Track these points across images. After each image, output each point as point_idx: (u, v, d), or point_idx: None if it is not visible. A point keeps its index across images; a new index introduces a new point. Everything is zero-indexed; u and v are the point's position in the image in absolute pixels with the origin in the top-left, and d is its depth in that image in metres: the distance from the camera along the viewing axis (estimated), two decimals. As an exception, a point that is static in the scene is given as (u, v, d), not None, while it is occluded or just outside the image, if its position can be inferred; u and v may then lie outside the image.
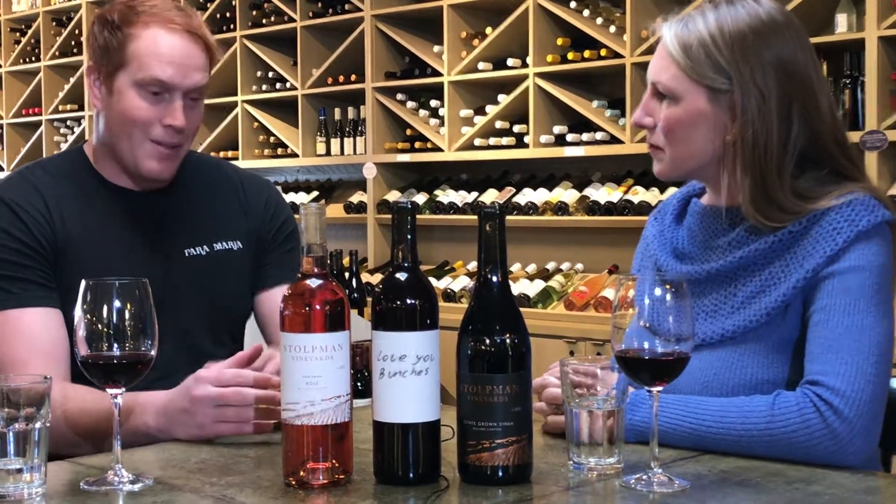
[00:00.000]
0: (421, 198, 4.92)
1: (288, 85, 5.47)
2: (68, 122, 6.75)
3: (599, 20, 4.33)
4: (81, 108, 6.53)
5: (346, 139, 5.25)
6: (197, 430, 1.64)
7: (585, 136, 4.36)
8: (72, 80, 6.57)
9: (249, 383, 1.64)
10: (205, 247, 2.00)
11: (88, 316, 1.41)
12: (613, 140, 4.28)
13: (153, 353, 1.43)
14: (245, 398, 1.63)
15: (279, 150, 5.58)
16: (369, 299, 4.47)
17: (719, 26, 1.63)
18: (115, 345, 1.41)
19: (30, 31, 6.87)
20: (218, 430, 1.64)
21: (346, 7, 5.18)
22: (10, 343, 1.81)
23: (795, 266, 1.60)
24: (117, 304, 1.41)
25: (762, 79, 1.61)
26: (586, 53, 4.33)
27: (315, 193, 5.50)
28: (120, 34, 1.88)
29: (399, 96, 5.08)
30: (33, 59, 6.87)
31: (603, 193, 4.33)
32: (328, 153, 5.33)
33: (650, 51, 4.02)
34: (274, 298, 2.03)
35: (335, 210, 5.22)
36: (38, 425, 1.34)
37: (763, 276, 1.62)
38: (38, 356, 1.79)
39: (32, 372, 1.74)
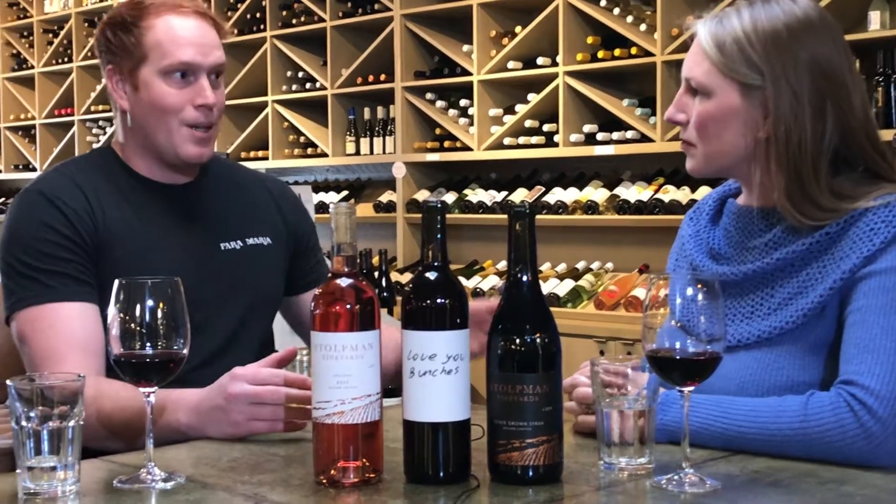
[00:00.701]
0: (450, 197, 4.92)
1: (318, 85, 5.48)
2: (100, 123, 6.80)
3: (630, 18, 4.31)
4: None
5: (375, 139, 5.26)
6: (230, 427, 1.64)
7: (616, 135, 4.35)
8: (104, 80, 6.59)
9: (285, 382, 1.65)
10: (239, 241, 2.02)
11: (121, 315, 1.42)
12: (644, 139, 4.27)
13: (185, 351, 1.44)
14: (280, 397, 1.63)
15: (309, 150, 5.60)
16: (398, 298, 4.48)
17: (754, 23, 1.62)
18: (148, 343, 1.42)
19: (62, 32, 6.93)
20: (251, 428, 1.64)
21: (376, 7, 5.19)
22: (48, 336, 1.82)
23: (832, 267, 1.59)
24: (150, 303, 1.42)
25: (795, 77, 1.60)
26: (616, 52, 4.32)
27: (345, 193, 5.51)
28: (136, 30, 1.92)
29: (428, 95, 5.08)
30: (66, 59, 6.93)
31: (633, 192, 4.32)
32: (358, 153, 5.34)
33: (681, 49, 4.02)
34: (307, 302, 2.07)
35: (365, 209, 5.23)
36: (71, 423, 1.34)
37: (800, 278, 1.61)
38: (74, 350, 1.80)
39: (69, 365, 1.76)
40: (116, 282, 1.43)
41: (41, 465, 1.34)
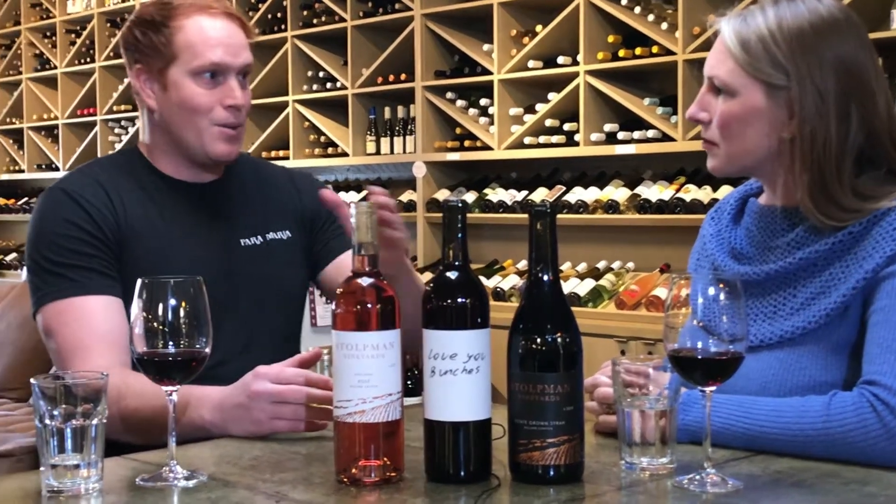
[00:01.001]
0: (470, 196, 4.92)
1: (338, 84, 5.49)
2: (122, 123, 6.83)
3: (651, 17, 4.30)
4: (135, 109, 6.60)
5: (395, 138, 5.27)
6: (252, 425, 1.65)
7: (637, 134, 4.34)
8: (126, 80, 6.63)
9: (308, 382, 1.66)
10: (259, 237, 2.04)
11: (144, 314, 1.43)
12: (665, 138, 4.25)
13: (207, 350, 1.44)
14: (302, 396, 1.64)
15: (329, 150, 5.61)
16: (419, 298, 4.49)
17: (779, 22, 1.61)
18: (171, 342, 1.43)
19: (85, 33, 6.96)
20: (273, 427, 1.65)
21: (397, 6, 5.19)
22: (74, 329, 1.85)
23: (855, 267, 1.58)
24: (172, 302, 1.43)
25: (820, 76, 1.59)
26: (638, 51, 4.31)
27: (365, 192, 5.51)
28: (165, 30, 1.93)
29: (449, 95, 5.08)
30: (88, 60, 6.96)
31: (654, 191, 4.30)
32: (378, 152, 5.34)
33: (702, 48, 4.00)
34: (341, 266, 2.06)
35: (385, 209, 5.23)
36: (95, 421, 1.35)
37: (823, 278, 1.61)
38: (100, 342, 1.82)
39: (95, 357, 1.78)
40: (139, 281, 1.44)
41: (65, 463, 1.34)
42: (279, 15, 5.73)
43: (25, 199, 7.49)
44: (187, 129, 1.95)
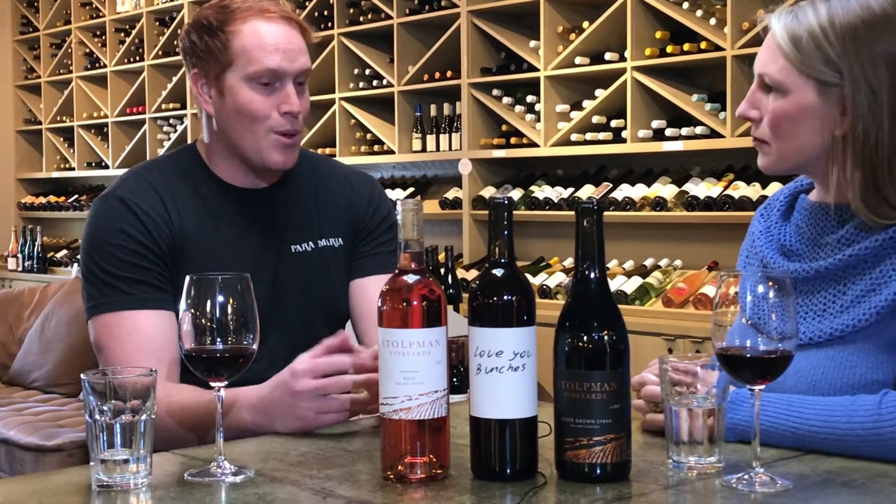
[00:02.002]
0: (516, 193, 4.91)
1: (384, 82, 5.50)
2: (171, 121, 6.89)
3: (699, 12, 4.26)
4: (183, 107, 6.67)
5: (441, 135, 5.27)
6: (299, 422, 1.66)
7: (685, 131, 4.31)
8: (174, 79, 6.70)
9: (346, 369, 1.66)
10: (310, 243, 2.02)
11: (192, 311, 1.44)
12: (713, 134, 4.22)
13: (254, 347, 1.45)
14: (346, 385, 1.64)
15: (376, 147, 5.62)
16: (465, 295, 4.48)
17: (830, 18, 1.59)
18: (218, 339, 1.44)
19: (134, 32, 7.03)
20: (320, 421, 1.66)
21: (443, 3, 5.20)
22: (124, 344, 1.85)
23: (906, 264, 1.56)
24: (220, 298, 1.44)
25: (873, 73, 1.57)
26: (686, 46, 4.28)
27: (411, 190, 5.53)
28: (222, 34, 1.90)
29: (495, 92, 5.07)
30: (137, 58, 7.03)
31: (702, 188, 4.27)
32: (424, 149, 5.35)
33: (751, 43, 3.97)
34: (365, 289, 2.05)
35: (431, 206, 5.24)
36: (143, 417, 1.37)
37: (873, 275, 1.58)
38: (148, 359, 1.81)
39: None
40: (188, 278, 1.45)
41: (114, 458, 1.36)
42: (326, 13, 5.76)
43: (75, 196, 7.58)
44: (244, 136, 1.93)
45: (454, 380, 2.28)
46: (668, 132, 4.35)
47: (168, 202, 1.94)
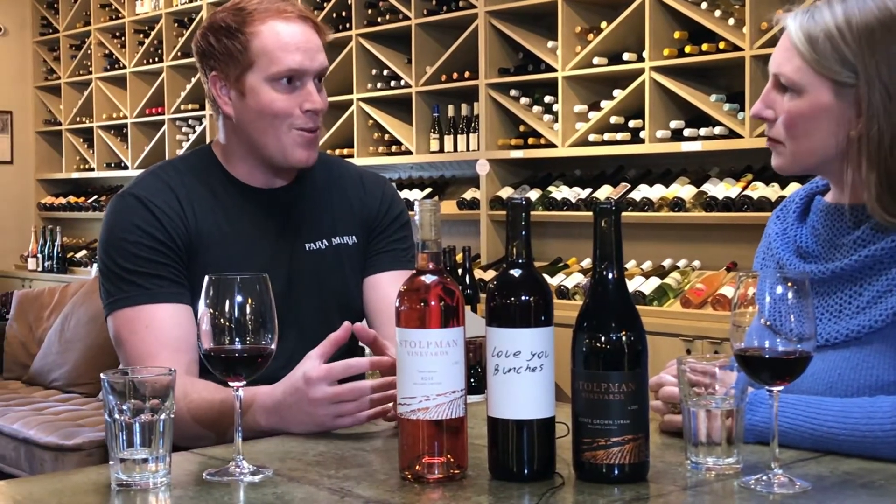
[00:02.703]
0: (534, 194, 4.91)
1: (402, 82, 5.51)
2: (190, 122, 6.91)
3: (718, 12, 4.25)
4: (202, 108, 6.69)
5: (459, 136, 5.27)
6: (316, 427, 1.67)
7: (703, 131, 4.30)
8: (193, 80, 6.72)
9: (362, 372, 1.66)
10: (324, 241, 2.04)
11: (211, 310, 1.44)
12: (732, 134, 4.21)
13: (273, 346, 1.46)
14: (362, 391, 1.65)
15: (393, 148, 5.63)
16: (482, 295, 4.48)
17: (847, 18, 1.58)
18: (237, 338, 1.44)
19: (153, 33, 7.06)
20: (337, 424, 1.67)
21: (461, 4, 5.20)
22: (143, 337, 1.87)
23: (922, 265, 1.55)
24: (238, 298, 1.44)
25: (888, 74, 1.56)
26: (704, 46, 4.26)
27: (428, 190, 5.53)
28: (241, 36, 1.92)
29: (512, 92, 5.07)
30: (156, 59, 7.06)
31: (721, 189, 4.26)
32: (442, 150, 5.35)
33: (770, 43, 3.95)
34: (378, 285, 2.06)
35: (448, 207, 5.24)
36: (163, 416, 1.37)
37: (890, 275, 1.58)
38: (166, 350, 1.84)
39: (161, 365, 1.79)
40: (206, 278, 1.46)
41: (133, 457, 1.37)
42: (344, 14, 5.77)
43: (95, 197, 7.62)
44: (266, 135, 1.94)
45: (472, 380, 2.27)
46: (687, 132, 4.34)
47: (183, 200, 1.95)
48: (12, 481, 1.52)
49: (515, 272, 1.39)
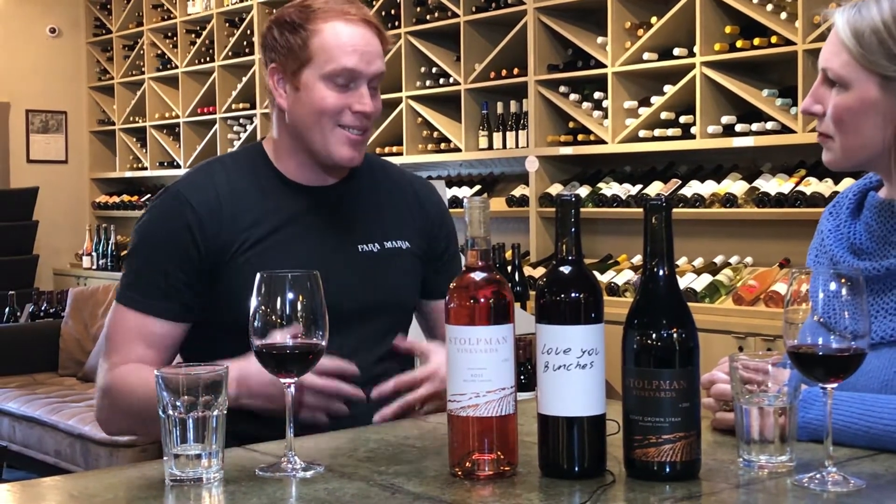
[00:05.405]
0: (584, 191, 4.89)
1: (451, 80, 5.51)
2: (241, 121, 6.97)
3: (769, 7, 4.21)
4: (253, 107, 6.74)
5: (508, 133, 5.26)
6: (275, 405, 1.72)
7: (755, 126, 4.26)
8: (244, 79, 6.78)
9: (347, 374, 1.81)
10: (376, 244, 2.04)
11: (262, 307, 1.45)
12: (784, 130, 4.16)
13: (324, 343, 1.46)
14: (337, 389, 1.79)
15: (442, 145, 5.64)
16: (532, 293, 4.47)
17: (893, 14, 1.57)
18: (288, 336, 1.45)
19: (204, 33, 7.13)
20: (301, 413, 1.77)
21: (510, 1, 5.19)
22: (128, 338, 1.95)
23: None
24: (290, 295, 1.45)
25: None
26: (756, 41, 4.22)
27: (477, 187, 5.53)
28: (303, 32, 1.95)
29: (562, 89, 5.06)
30: (208, 59, 7.13)
31: (773, 185, 4.22)
32: (490, 147, 5.35)
33: (822, 37, 3.90)
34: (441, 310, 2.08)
35: (497, 204, 5.24)
36: (215, 412, 1.39)
37: (946, 272, 1.55)
38: (145, 357, 1.93)
39: (127, 357, 1.93)
40: (258, 275, 1.47)
41: (186, 453, 1.38)
42: (393, 12, 5.79)
43: (148, 195, 7.71)
44: (314, 131, 1.96)
45: (521, 377, 2.27)
46: (738, 128, 4.30)
47: (224, 198, 1.97)
48: (68, 476, 1.54)
49: (565, 269, 1.39)
